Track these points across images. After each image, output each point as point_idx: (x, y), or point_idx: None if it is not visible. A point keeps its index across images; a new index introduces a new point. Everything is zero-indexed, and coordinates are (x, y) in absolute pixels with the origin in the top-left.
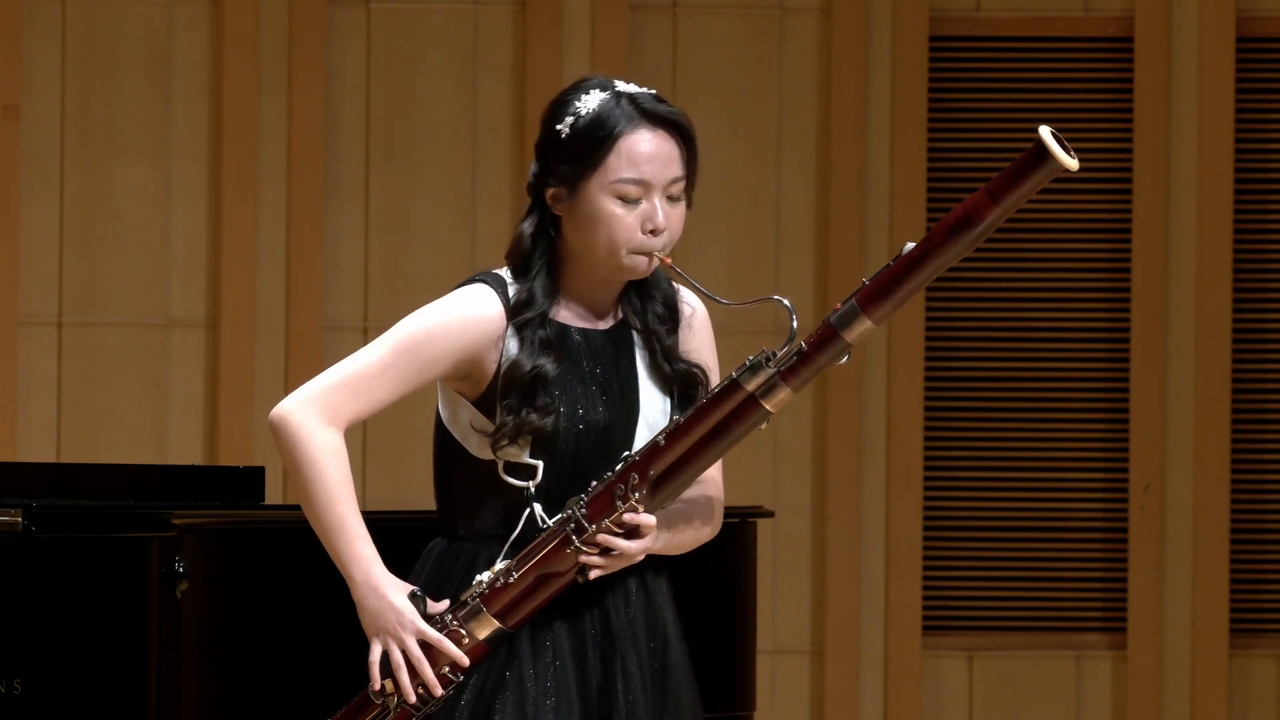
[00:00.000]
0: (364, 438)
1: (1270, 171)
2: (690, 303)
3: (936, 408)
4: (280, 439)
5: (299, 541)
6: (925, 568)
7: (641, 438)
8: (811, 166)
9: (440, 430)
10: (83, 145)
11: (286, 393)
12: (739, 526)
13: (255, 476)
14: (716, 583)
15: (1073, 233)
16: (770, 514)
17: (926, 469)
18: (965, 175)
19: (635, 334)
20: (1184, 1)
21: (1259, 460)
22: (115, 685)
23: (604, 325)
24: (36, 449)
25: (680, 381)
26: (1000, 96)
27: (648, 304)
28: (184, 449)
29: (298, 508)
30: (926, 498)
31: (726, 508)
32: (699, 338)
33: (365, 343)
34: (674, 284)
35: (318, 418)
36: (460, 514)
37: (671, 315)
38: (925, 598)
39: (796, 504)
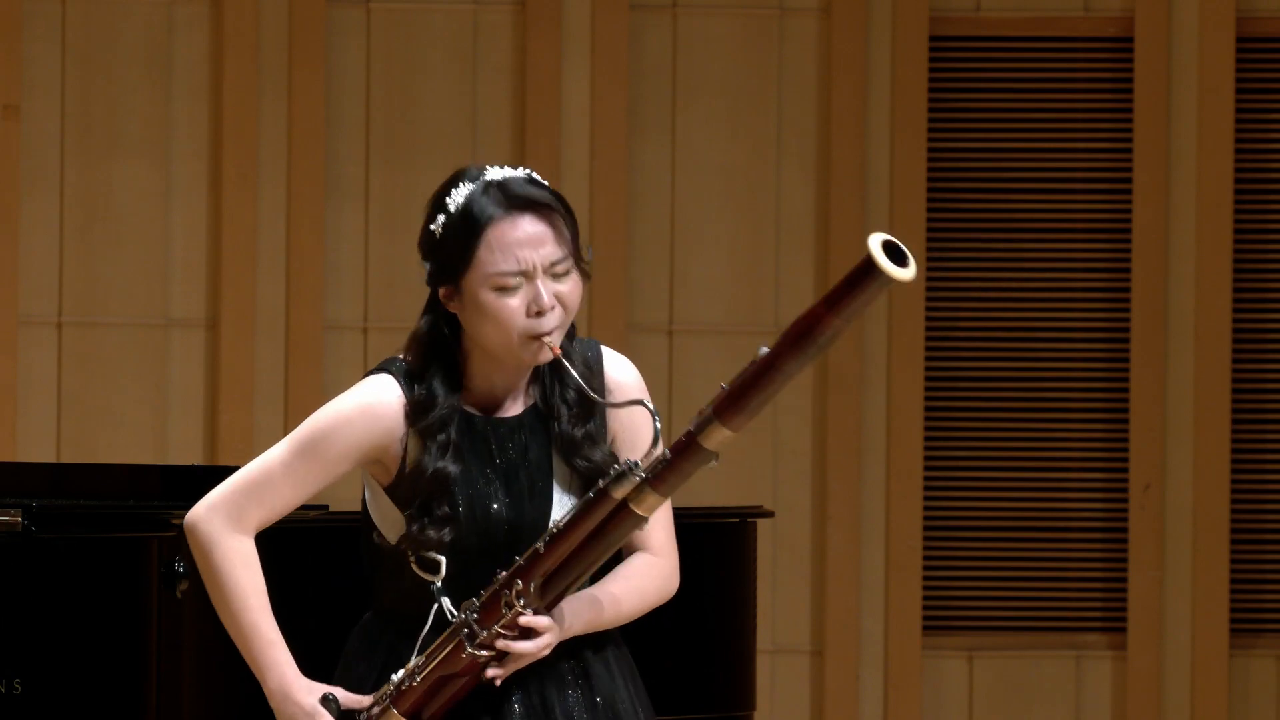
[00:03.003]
0: None
1: (1270, 171)
2: (618, 376)
3: (936, 408)
4: (191, 546)
5: (298, 542)
6: (925, 568)
7: None
8: (811, 166)
9: (364, 507)
10: (83, 145)
11: (287, 393)
12: (739, 526)
13: None
14: (716, 583)
15: (1073, 233)
16: (770, 514)
17: (926, 469)
18: (965, 175)
19: (551, 419)
20: (1184, 1)
21: (1259, 460)
22: (115, 685)
23: (513, 411)
24: (36, 449)
25: (584, 476)
26: (1000, 96)
27: (558, 388)
28: (184, 449)
29: (296, 508)
30: (926, 498)
31: (726, 508)
32: (635, 412)
33: (365, 343)
34: (600, 360)
35: (224, 524)
36: (380, 593)
37: (583, 400)
38: (925, 598)
39: (796, 504)
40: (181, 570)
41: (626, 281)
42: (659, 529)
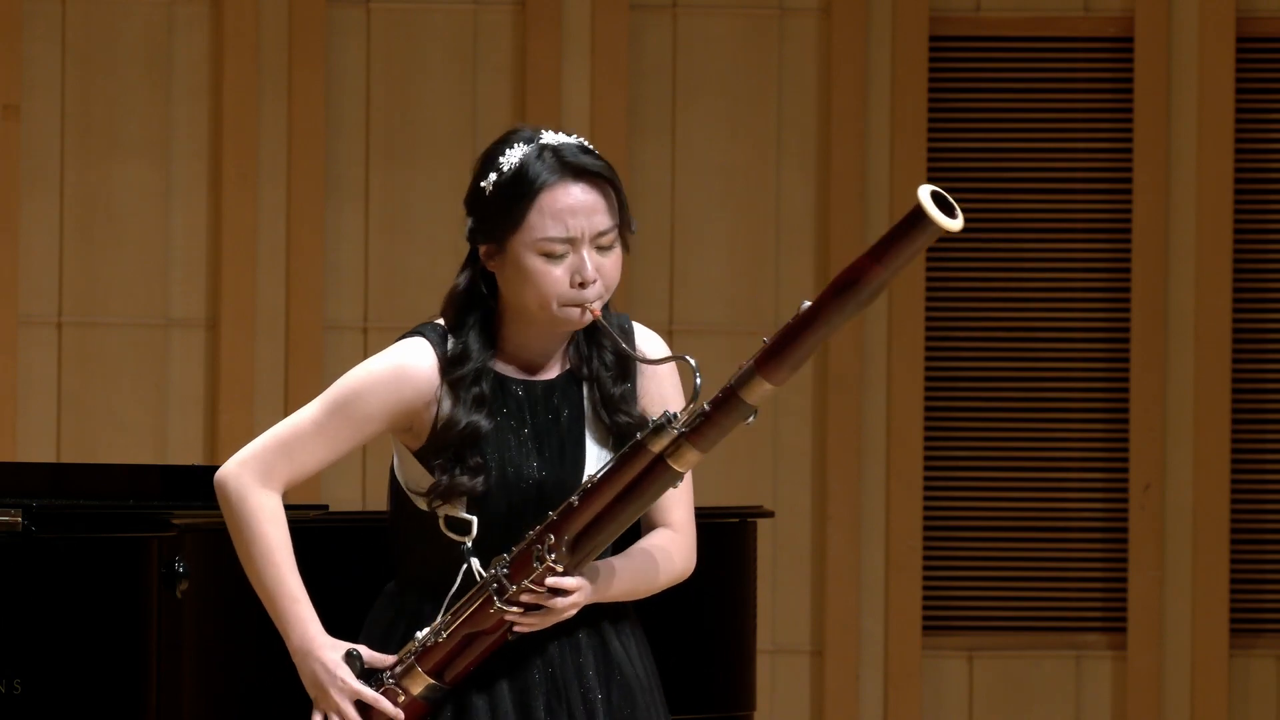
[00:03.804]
0: None
1: (1270, 171)
2: (648, 350)
3: (936, 408)
4: (221, 502)
5: (297, 542)
6: (925, 568)
7: None
8: (811, 166)
9: (392, 476)
10: (83, 145)
11: (287, 393)
12: (739, 526)
13: None
14: (716, 583)
15: (1073, 233)
16: (770, 514)
17: (926, 469)
18: (965, 175)
19: (585, 384)
20: (1184, 1)
21: (1259, 460)
22: (115, 685)
23: (548, 375)
24: (36, 449)
25: (619, 433)
26: (1000, 96)
27: (595, 351)
28: (184, 449)
29: (296, 508)
30: (926, 498)
31: (726, 508)
32: (664, 383)
33: (365, 343)
34: (633, 332)
35: (253, 480)
36: (406, 561)
37: (620, 363)
38: (925, 598)
39: (796, 504)
40: (181, 570)
41: (626, 281)
42: (680, 506)
